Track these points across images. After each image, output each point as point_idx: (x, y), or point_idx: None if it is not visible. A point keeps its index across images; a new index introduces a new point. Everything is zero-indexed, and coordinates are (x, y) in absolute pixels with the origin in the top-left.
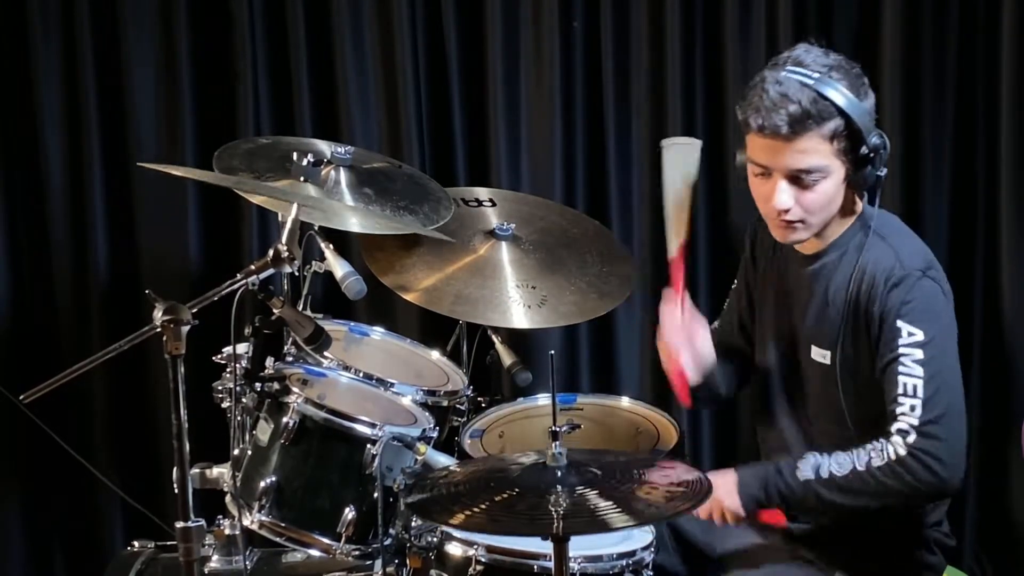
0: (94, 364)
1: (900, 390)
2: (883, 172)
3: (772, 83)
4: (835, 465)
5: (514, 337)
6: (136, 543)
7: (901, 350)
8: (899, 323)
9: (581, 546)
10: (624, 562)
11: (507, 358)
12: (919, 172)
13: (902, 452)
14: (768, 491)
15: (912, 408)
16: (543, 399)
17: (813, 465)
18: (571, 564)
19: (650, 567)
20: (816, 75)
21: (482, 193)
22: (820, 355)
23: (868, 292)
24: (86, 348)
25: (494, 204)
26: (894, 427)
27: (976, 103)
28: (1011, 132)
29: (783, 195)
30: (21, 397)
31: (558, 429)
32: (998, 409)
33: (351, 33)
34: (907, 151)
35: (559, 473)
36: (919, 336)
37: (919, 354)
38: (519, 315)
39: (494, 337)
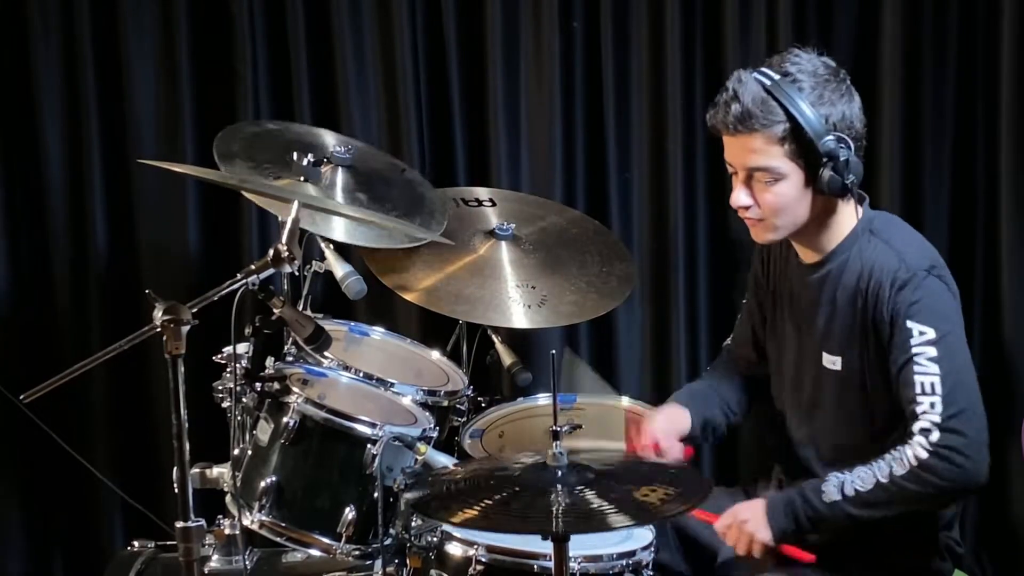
0: (94, 364)
1: (918, 389)
2: (850, 179)
3: (734, 81)
4: (858, 481)
5: (514, 337)
6: (136, 543)
7: (914, 350)
8: (909, 323)
9: (581, 546)
10: (624, 562)
11: (507, 358)
12: (919, 172)
13: (924, 455)
14: (798, 519)
15: (932, 405)
16: (543, 399)
17: (837, 485)
18: (571, 564)
19: (650, 567)
20: (776, 77)
21: (482, 193)
22: (831, 362)
23: (875, 295)
24: (86, 348)
25: (494, 204)
26: (916, 427)
27: (976, 104)
28: (1011, 132)
29: (739, 193)
30: (21, 397)
31: (559, 428)
32: (998, 409)
33: (351, 33)
34: (907, 151)
35: (559, 472)
36: (930, 334)
37: (932, 352)
38: (519, 315)
39: (494, 337)
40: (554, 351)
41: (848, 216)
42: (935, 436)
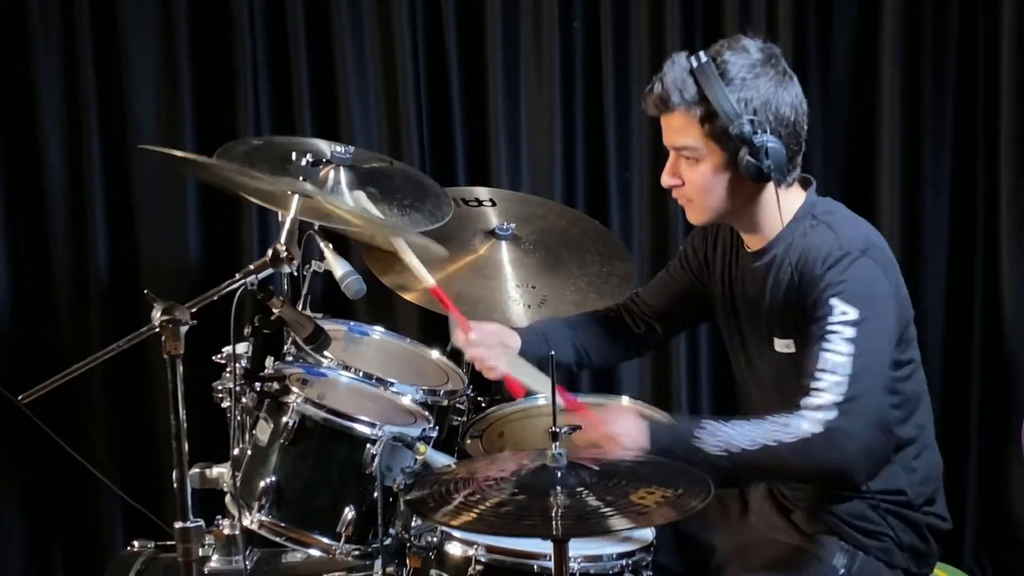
0: (94, 364)
1: (822, 365)
2: (767, 164)
3: (667, 63)
4: (745, 440)
5: None
6: (136, 543)
7: (830, 327)
8: (832, 300)
9: (581, 546)
10: (624, 562)
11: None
12: (919, 172)
13: (816, 429)
14: (676, 451)
15: (836, 384)
16: (543, 399)
17: (724, 440)
18: (571, 564)
19: (650, 567)
20: (704, 60)
21: (482, 193)
22: (784, 345)
23: (809, 274)
24: (86, 348)
25: (494, 204)
26: (811, 402)
27: (976, 103)
28: (1011, 132)
29: (666, 172)
30: (21, 397)
31: (558, 430)
32: (998, 409)
33: (351, 33)
34: (907, 151)
35: (559, 474)
36: (851, 315)
37: (849, 332)
38: (519, 315)
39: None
40: (552, 351)
41: (793, 202)
42: (831, 415)
